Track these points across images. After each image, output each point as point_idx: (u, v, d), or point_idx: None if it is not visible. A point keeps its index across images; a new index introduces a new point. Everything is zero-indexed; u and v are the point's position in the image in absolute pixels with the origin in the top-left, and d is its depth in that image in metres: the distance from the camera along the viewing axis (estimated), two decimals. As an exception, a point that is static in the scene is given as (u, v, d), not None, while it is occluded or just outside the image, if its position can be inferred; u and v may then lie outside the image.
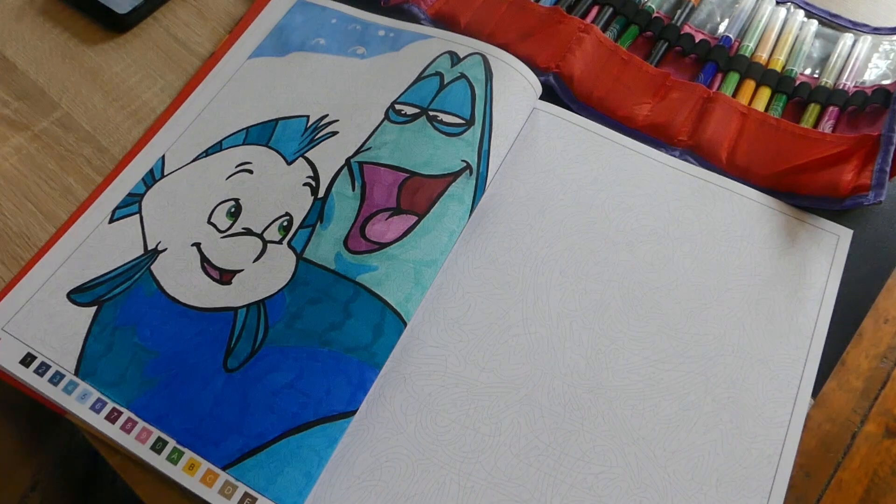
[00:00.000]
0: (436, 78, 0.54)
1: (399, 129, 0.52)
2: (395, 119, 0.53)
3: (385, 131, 0.52)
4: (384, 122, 0.53)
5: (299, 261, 0.48)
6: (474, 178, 0.50)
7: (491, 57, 0.54)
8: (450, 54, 0.55)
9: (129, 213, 0.51)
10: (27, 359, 0.45)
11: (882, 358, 0.48)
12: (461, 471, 0.43)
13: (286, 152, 0.52)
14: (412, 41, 0.57)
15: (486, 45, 0.55)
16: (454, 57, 0.55)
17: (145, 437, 0.43)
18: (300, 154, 0.52)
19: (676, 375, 0.46)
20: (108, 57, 0.58)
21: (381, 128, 0.53)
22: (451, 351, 0.46)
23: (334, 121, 0.54)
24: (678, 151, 0.54)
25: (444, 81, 0.54)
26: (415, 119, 0.52)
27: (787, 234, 0.51)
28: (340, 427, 0.42)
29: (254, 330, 0.45)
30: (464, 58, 0.55)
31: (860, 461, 0.44)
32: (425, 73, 0.55)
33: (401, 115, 0.53)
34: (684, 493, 0.43)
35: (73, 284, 0.48)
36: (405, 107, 0.53)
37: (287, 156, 0.52)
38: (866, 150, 0.52)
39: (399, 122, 0.53)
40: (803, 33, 0.60)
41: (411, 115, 0.53)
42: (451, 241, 0.48)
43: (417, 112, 0.53)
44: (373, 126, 0.53)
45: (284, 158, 0.52)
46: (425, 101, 0.53)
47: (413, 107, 0.53)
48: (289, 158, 0.52)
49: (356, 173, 0.51)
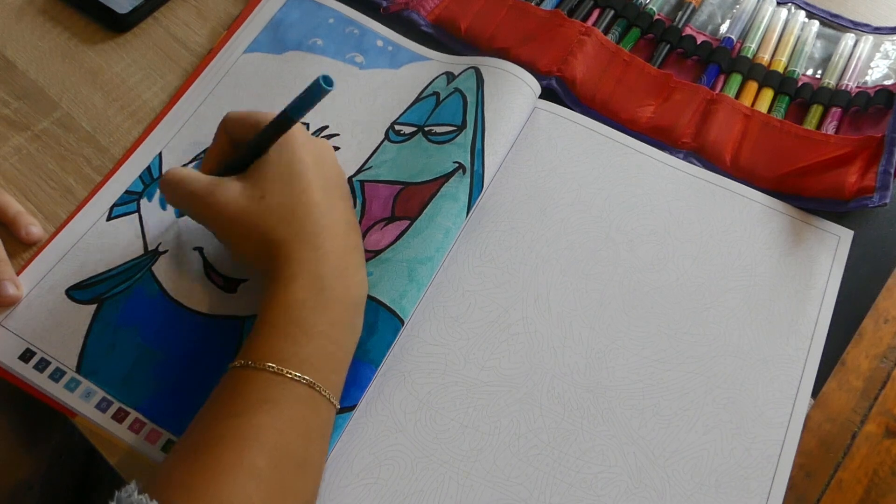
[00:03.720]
0: (432, 98, 0.55)
1: (397, 147, 0.53)
2: (395, 139, 0.53)
3: (385, 151, 0.53)
4: (384, 142, 0.53)
5: None
6: (468, 176, 0.50)
7: (484, 66, 0.55)
8: (447, 75, 0.56)
9: (128, 212, 0.50)
10: (26, 354, 0.45)
11: (882, 358, 0.47)
12: (460, 469, 0.43)
13: None
14: (411, 61, 0.58)
15: (481, 59, 0.56)
16: (450, 76, 0.56)
17: (155, 438, 0.43)
18: None
19: (676, 375, 0.46)
20: (108, 57, 0.58)
21: (381, 147, 0.53)
22: (451, 349, 0.46)
23: (335, 134, 0.54)
24: (682, 154, 0.54)
25: (440, 99, 0.54)
26: (411, 137, 0.53)
27: (787, 235, 0.51)
28: (338, 423, 0.42)
29: None
30: (458, 75, 0.55)
31: (860, 461, 0.44)
32: (423, 94, 0.56)
33: (399, 135, 0.54)
34: (683, 492, 0.42)
35: (71, 281, 0.48)
36: (403, 127, 0.54)
37: None
38: (870, 152, 0.52)
39: (397, 142, 0.53)
40: (805, 34, 0.60)
41: (409, 133, 0.53)
42: (448, 239, 0.48)
43: (414, 130, 0.53)
44: (373, 145, 0.53)
45: None
46: (422, 120, 0.54)
47: (410, 126, 0.54)
48: None
49: (357, 191, 0.51)
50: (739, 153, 0.54)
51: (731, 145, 0.54)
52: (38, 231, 0.50)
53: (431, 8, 0.60)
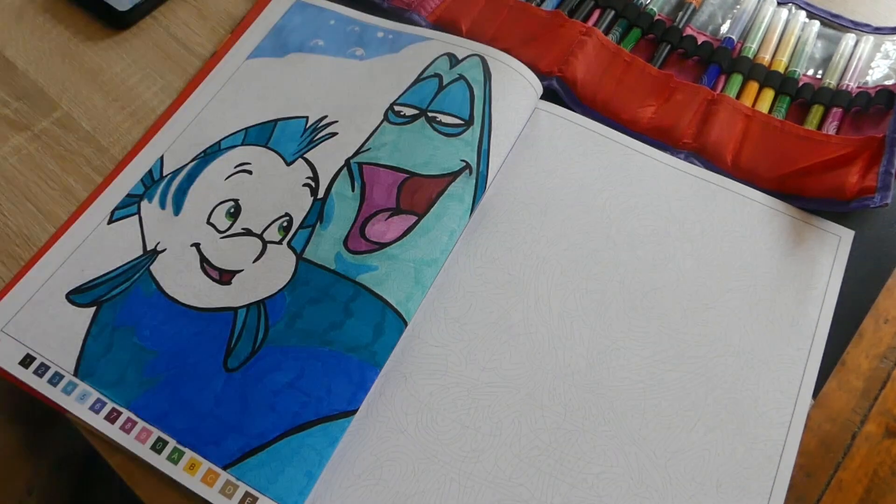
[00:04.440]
0: (434, 79, 0.54)
1: (398, 130, 0.52)
2: (395, 120, 0.53)
3: (384, 132, 0.52)
4: (383, 123, 0.53)
5: (299, 261, 0.48)
6: (474, 178, 0.50)
7: (489, 58, 0.55)
8: (448, 56, 0.56)
9: (128, 214, 0.50)
10: (26, 360, 0.45)
11: (882, 358, 0.48)
12: (462, 470, 0.43)
13: (285, 153, 0.52)
14: (411, 43, 0.58)
15: (484, 47, 0.55)
16: (453, 59, 0.55)
17: (145, 437, 0.43)
18: (299, 155, 0.52)
19: (677, 375, 0.46)
20: (108, 57, 0.58)
21: (380, 129, 0.53)
22: (452, 350, 0.46)
23: (333, 122, 0.54)
24: (683, 154, 0.54)
25: (443, 83, 0.54)
26: (414, 120, 0.52)
27: (788, 235, 0.51)
28: (341, 426, 0.42)
29: (254, 330, 0.45)
30: (462, 59, 0.55)
31: (860, 461, 0.44)
32: (424, 74, 0.55)
33: (400, 117, 0.53)
34: (685, 493, 0.43)
35: (72, 285, 0.48)
36: (404, 108, 0.53)
37: (286, 156, 0.52)
38: (871, 152, 0.52)
39: (398, 124, 0.53)
40: (805, 34, 0.60)
41: (410, 116, 0.53)
42: (452, 241, 0.48)
43: (417, 113, 0.53)
44: (372, 127, 0.53)
45: (284, 159, 0.52)
46: (424, 103, 0.53)
47: (412, 108, 0.53)
48: (288, 159, 0.52)
49: (356, 174, 0.51)
50: (740, 153, 0.54)
51: (731, 145, 0.54)
52: None
53: (432, 9, 0.60)
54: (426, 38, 0.57)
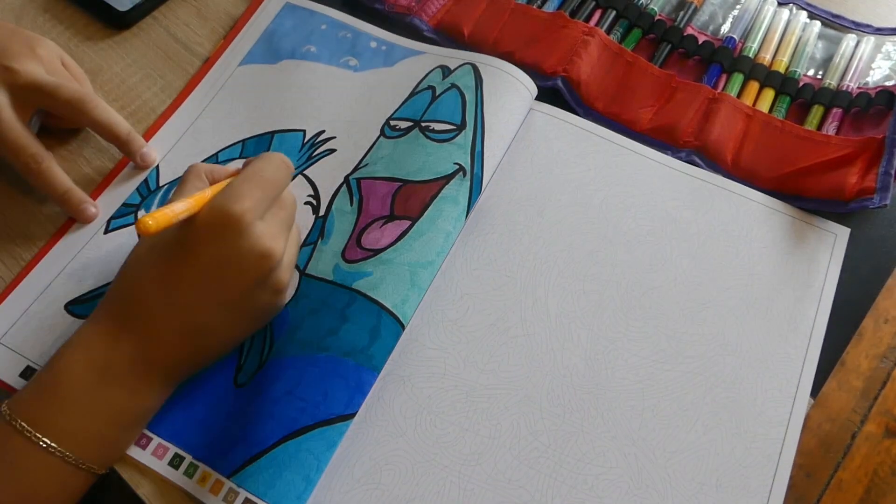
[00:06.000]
0: (428, 91, 0.55)
1: (393, 143, 0.52)
2: (390, 134, 0.53)
3: (381, 147, 0.53)
4: (380, 138, 0.53)
5: (302, 277, 0.48)
6: (468, 180, 0.50)
7: (481, 64, 0.55)
8: (441, 68, 0.56)
9: (125, 224, 0.50)
10: (27, 372, 0.45)
11: (882, 358, 0.48)
12: (461, 473, 0.43)
13: None
14: (405, 57, 0.58)
15: (476, 55, 0.55)
16: (445, 70, 0.55)
17: (162, 454, 0.43)
18: (300, 171, 0.52)
19: (675, 375, 0.46)
20: (109, 57, 0.58)
21: (377, 144, 0.53)
22: (450, 353, 0.46)
23: (331, 137, 0.54)
24: (684, 153, 0.54)
25: (436, 94, 0.54)
26: (408, 132, 0.53)
27: (784, 233, 0.51)
28: (339, 430, 0.42)
29: (260, 347, 0.45)
30: (455, 69, 0.55)
31: (860, 461, 0.44)
32: (418, 88, 0.55)
33: (395, 130, 0.53)
34: (684, 493, 0.43)
35: (70, 296, 0.47)
36: (399, 122, 0.54)
37: None
38: (871, 153, 0.52)
39: (393, 137, 0.53)
40: (806, 34, 0.60)
41: (405, 128, 0.53)
42: (448, 243, 0.48)
43: (411, 125, 0.53)
44: (369, 143, 0.53)
45: None
46: (418, 114, 0.53)
47: (407, 121, 0.53)
48: None
49: (354, 189, 0.51)
50: (741, 153, 0.54)
51: (732, 145, 0.54)
52: (153, 155, 0.52)
53: (434, 13, 0.60)
54: (419, 52, 0.58)
